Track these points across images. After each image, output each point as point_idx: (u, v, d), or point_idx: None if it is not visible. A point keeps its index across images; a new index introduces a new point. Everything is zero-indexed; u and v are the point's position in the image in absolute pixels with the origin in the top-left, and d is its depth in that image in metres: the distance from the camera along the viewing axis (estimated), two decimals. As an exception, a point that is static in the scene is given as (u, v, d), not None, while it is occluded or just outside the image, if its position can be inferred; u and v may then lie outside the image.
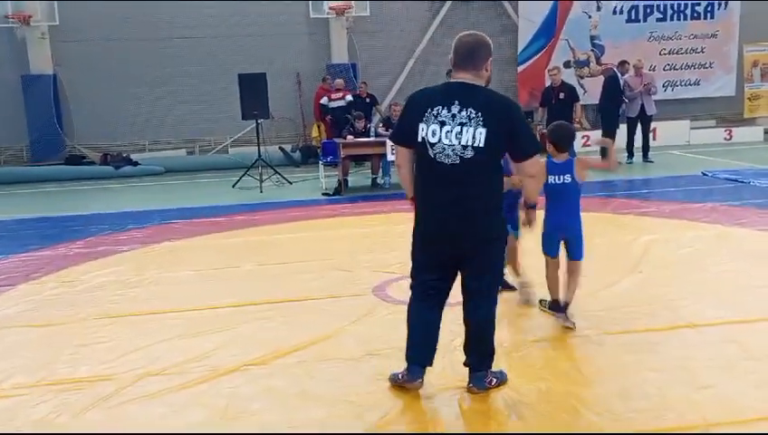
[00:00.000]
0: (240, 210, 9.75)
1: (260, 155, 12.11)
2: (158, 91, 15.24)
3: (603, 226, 7.64)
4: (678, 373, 3.95)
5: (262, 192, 11.37)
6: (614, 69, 13.51)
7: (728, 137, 16.21)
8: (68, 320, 5.26)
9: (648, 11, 16.63)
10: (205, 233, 8.26)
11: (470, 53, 3.60)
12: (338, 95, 14.37)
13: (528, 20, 16.22)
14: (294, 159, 14.89)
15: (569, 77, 15.92)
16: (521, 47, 16.31)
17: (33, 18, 14.42)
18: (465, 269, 3.71)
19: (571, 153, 4.80)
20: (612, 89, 13.00)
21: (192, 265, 6.77)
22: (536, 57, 16.28)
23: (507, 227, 4.52)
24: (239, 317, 5.15)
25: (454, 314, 3.92)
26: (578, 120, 12.06)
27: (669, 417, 3.47)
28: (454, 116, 3.51)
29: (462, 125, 3.49)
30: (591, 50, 16.62)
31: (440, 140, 3.52)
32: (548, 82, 13.46)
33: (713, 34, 16.82)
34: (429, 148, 3.55)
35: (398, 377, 3.85)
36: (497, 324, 3.84)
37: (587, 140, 14.31)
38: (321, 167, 12.08)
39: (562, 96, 12.27)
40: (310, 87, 15.51)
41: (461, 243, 3.62)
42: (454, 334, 4.23)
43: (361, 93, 14.55)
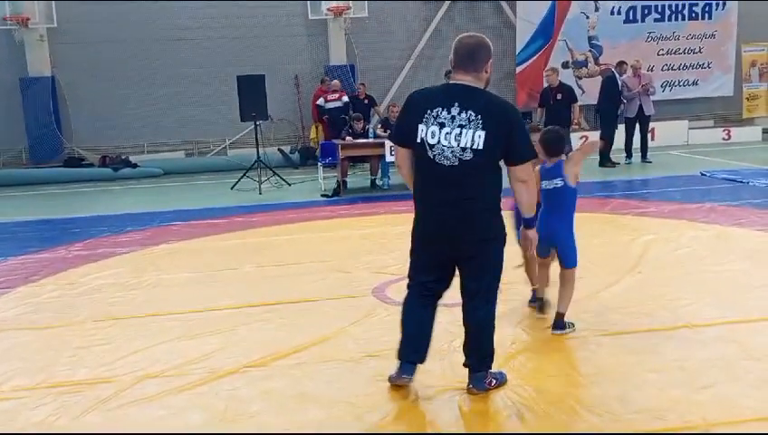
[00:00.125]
0: (239, 212, 9.75)
1: (259, 157, 12.11)
2: (156, 93, 15.23)
3: (602, 226, 7.63)
4: (678, 374, 3.95)
5: (261, 194, 11.36)
6: (612, 69, 13.52)
7: (727, 137, 16.23)
8: (67, 322, 5.26)
9: (646, 11, 16.65)
10: (203, 235, 8.26)
11: (470, 54, 3.60)
12: (334, 96, 14.36)
13: (526, 21, 16.23)
14: (293, 161, 14.89)
15: (567, 78, 15.91)
16: (519, 48, 16.32)
17: (32, 20, 14.39)
18: (464, 270, 3.71)
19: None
20: (610, 89, 13.00)
21: (191, 268, 6.77)
22: (534, 58, 16.30)
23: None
24: (238, 319, 5.14)
25: (453, 315, 3.92)
26: (576, 121, 12.04)
27: (669, 417, 3.46)
28: (453, 118, 3.51)
29: (461, 127, 3.49)
30: (589, 50, 16.64)
31: (439, 141, 3.52)
32: (546, 83, 13.47)
33: (711, 35, 16.83)
34: (428, 149, 3.55)
35: (390, 376, 3.87)
36: (497, 325, 3.83)
37: (585, 140, 14.31)
38: (320, 168, 12.09)
39: (560, 97, 12.25)
40: (308, 88, 15.51)
41: (459, 244, 3.63)
42: (453, 335, 4.23)
43: (360, 95, 14.54)
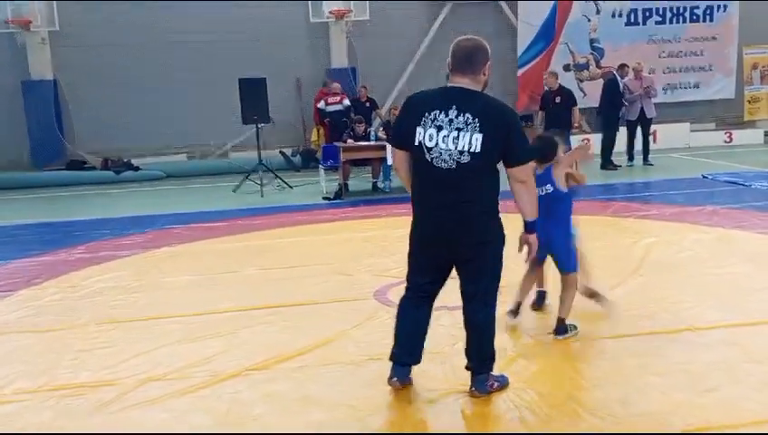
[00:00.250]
0: (241, 215, 9.75)
1: (260, 160, 12.12)
2: (158, 95, 15.22)
3: (603, 229, 7.63)
4: (680, 377, 3.95)
5: (262, 197, 11.37)
6: (614, 72, 13.51)
7: (728, 139, 16.22)
8: (69, 325, 5.26)
9: (648, 14, 16.64)
10: (205, 238, 8.26)
11: (468, 57, 3.61)
12: (335, 99, 14.36)
13: (527, 23, 16.23)
14: (295, 164, 14.89)
15: (569, 80, 15.93)
16: (520, 50, 16.32)
17: (34, 24, 14.43)
18: (463, 272, 3.72)
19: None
20: (612, 92, 13.01)
21: (193, 270, 6.77)
22: (536, 60, 16.29)
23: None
24: (240, 322, 5.14)
25: (454, 317, 3.92)
26: (577, 125, 12.04)
27: (672, 421, 3.46)
28: (451, 121, 3.51)
29: (459, 130, 3.49)
30: (591, 53, 16.63)
31: (437, 144, 3.53)
32: (546, 87, 13.47)
33: (712, 37, 16.82)
34: (426, 152, 3.56)
35: (388, 379, 3.88)
36: (498, 327, 3.84)
37: (587, 143, 14.28)
38: (322, 171, 12.10)
39: (558, 100, 12.28)
40: (310, 91, 15.51)
41: (457, 247, 3.64)
42: (455, 338, 4.23)
43: (361, 97, 14.54)
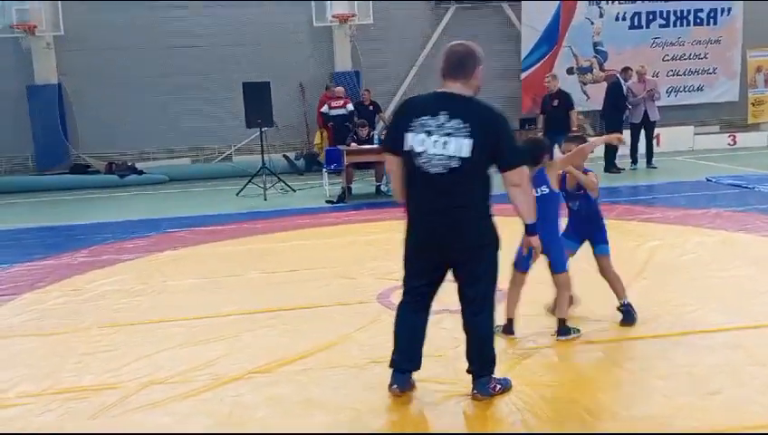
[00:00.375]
0: (244, 218, 9.76)
1: (264, 163, 12.13)
2: (162, 99, 15.27)
3: (607, 232, 7.59)
4: (684, 380, 3.94)
5: (266, 200, 11.38)
6: (617, 75, 13.50)
7: (732, 142, 16.20)
8: (72, 329, 5.27)
9: (651, 17, 16.64)
10: (209, 241, 8.27)
11: (459, 62, 3.62)
12: (338, 103, 14.37)
13: (531, 27, 16.24)
14: (298, 167, 14.91)
15: (572, 84, 15.96)
16: (524, 54, 16.32)
17: (38, 28, 14.48)
18: (459, 277, 3.73)
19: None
20: (615, 95, 13.00)
21: (196, 274, 6.77)
22: (539, 64, 16.27)
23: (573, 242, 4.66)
24: (243, 325, 5.14)
25: (456, 320, 3.91)
26: (575, 128, 11.98)
27: (676, 424, 3.45)
28: (441, 126, 3.52)
29: (448, 135, 3.50)
30: (594, 56, 16.62)
31: (427, 149, 3.54)
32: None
33: (716, 40, 16.80)
34: (416, 157, 3.57)
35: (389, 386, 3.87)
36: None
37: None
38: (325, 174, 12.11)
39: (556, 103, 12.28)
40: (313, 95, 15.51)
41: (449, 251, 3.65)
42: (457, 341, 4.22)
43: (365, 101, 14.56)
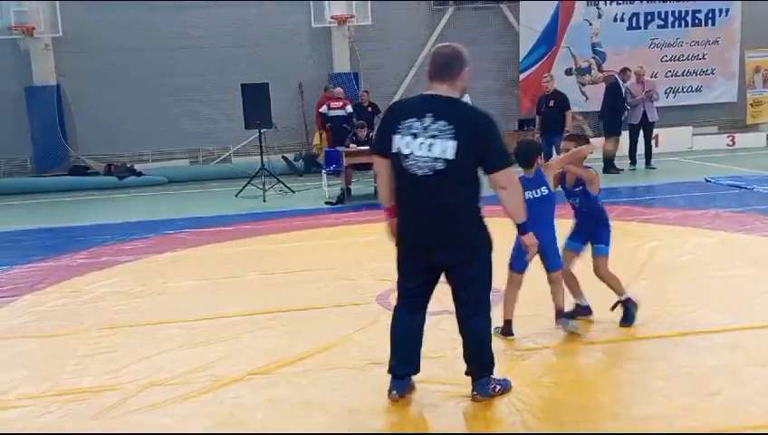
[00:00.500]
0: (243, 220, 9.75)
1: (263, 164, 12.14)
2: (161, 101, 15.28)
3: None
4: (684, 380, 3.94)
5: (265, 201, 11.38)
6: (616, 76, 13.51)
7: (731, 143, 16.22)
8: (72, 330, 5.26)
9: (650, 18, 16.66)
10: (208, 243, 8.27)
11: (446, 64, 3.63)
12: (338, 104, 14.37)
13: (529, 28, 16.25)
14: (297, 169, 14.90)
15: (571, 84, 15.97)
16: (522, 55, 16.33)
17: (37, 30, 14.48)
18: (452, 280, 3.73)
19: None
20: (614, 96, 13.00)
21: (195, 275, 6.77)
22: (538, 65, 16.28)
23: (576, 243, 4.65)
24: (243, 327, 5.14)
25: (454, 322, 3.91)
26: (568, 129, 11.96)
27: (675, 424, 3.45)
28: (426, 128, 3.53)
29: (434, 137, 3.51)
30: (593, 57, 16.64)
31: (413, 151, 3.55)
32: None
33: (714, 41, 16.83)
34: (403, 159, 3.58)
35: (388, 392, 3.85)
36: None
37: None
38: (324, 176, 12.12)
39: (552, 104, 12.27)
40: (312, 96, 15.52)
41: (435, 253, 3.65)
42: (456, 342, 4.20)
43: (363, 102, 14.56)
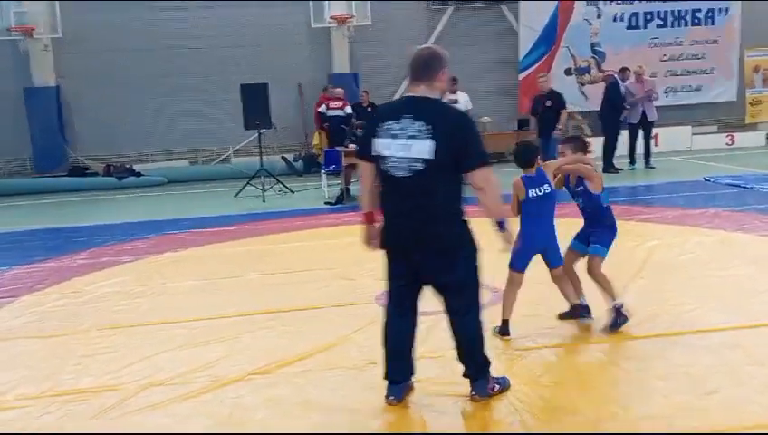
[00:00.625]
0: (243, 220, 9.76)
1: (262, 165, 12.14)
2: (160, 101, 15.28)
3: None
4: (682, 379, 3.95)
5: (264, 202, 11.38)
6: (615, 75, 13.51)
7: (730, 142, 16.23)
8: (72, 331, 5.27)
9: (649, 17, 16.65)
10: (208, 243, 8.27)
11: (425, 64, 3.64)
12: (336, 104, 14.35)
13: (529, 27, 16.24)
14: (297, 169, 14.90)
15: (570, 84, 15.98)
16: (522, 55, 16.33)
17: (36, 31, 14.48)
18: (439, 285, 3.71)
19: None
20: (613, 95, 13.01)
21: (195, 276, 6.78)
22: (537, 64, 16.26)
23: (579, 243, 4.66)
24: (242, 327, 5.15)
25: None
26: (561, 128, 11.91)
27: (674, 423, 3.46)
28: (404, 129, 3.54)
29: (412, 138, 3.52)
30: (592, 57, 16.63)
31: (393, 153, 3.56)
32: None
33: (714, 40, 16.82)
34: (384, 161, 3.60)
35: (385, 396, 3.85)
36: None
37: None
38: (324, 176, 12.12)
39: (549, 104, 12.15)
40: (312, 97, 15.50)
41: (413, 254, 3.64)
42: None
43: (363, 102, 14.55)
